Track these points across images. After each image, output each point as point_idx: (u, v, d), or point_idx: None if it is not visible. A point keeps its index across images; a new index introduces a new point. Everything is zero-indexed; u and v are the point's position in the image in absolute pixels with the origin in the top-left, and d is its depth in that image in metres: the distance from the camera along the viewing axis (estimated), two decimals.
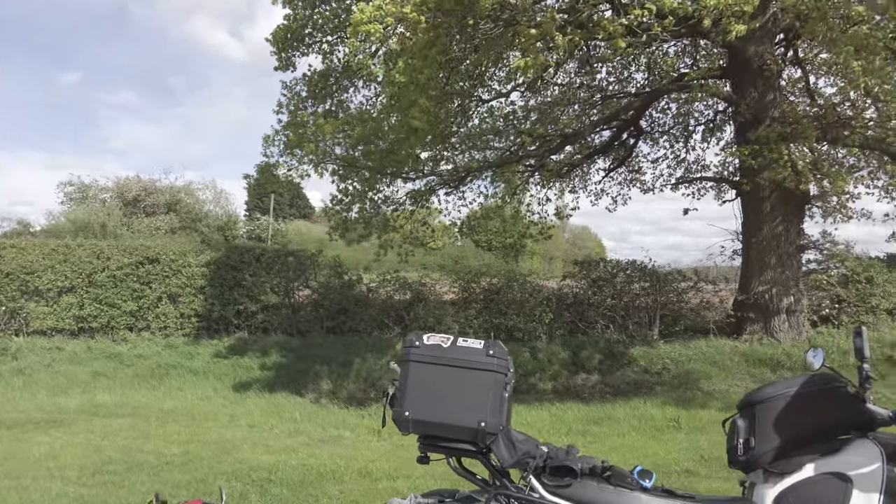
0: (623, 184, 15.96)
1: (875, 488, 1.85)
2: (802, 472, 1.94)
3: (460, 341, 2.19)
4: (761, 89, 11.26)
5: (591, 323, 11.73)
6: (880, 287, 11.28)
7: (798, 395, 2.06)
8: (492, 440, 2.06)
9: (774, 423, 2.05)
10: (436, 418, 2.08)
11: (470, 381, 2.11)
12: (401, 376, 2.17)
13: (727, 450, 2.25)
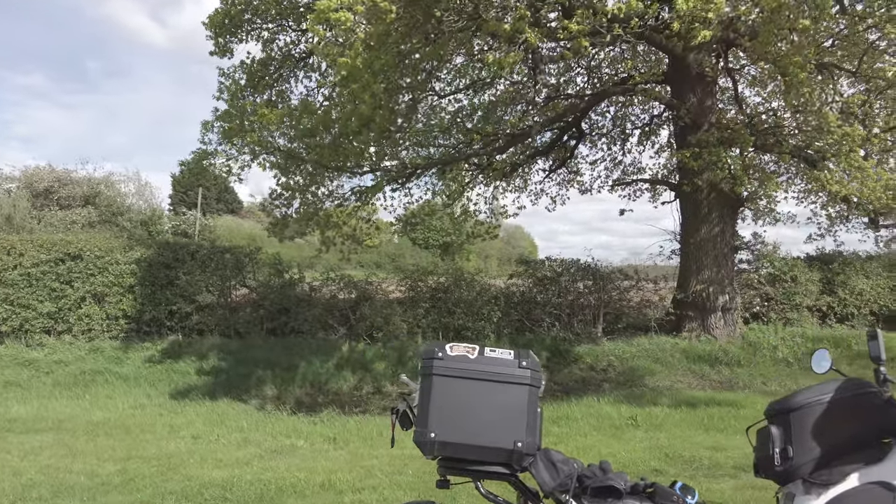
0: (562, 184, 16.28)
1: None
2: (846, 482, 1.88)
3: (487, 351, 2.00)
4: (700, 95, 11.71)
5: (538, 321, 11.82)
6: (803, 285, 12.03)
7: (834, 402, 2.00)
8: (528, 462, 1.88)
9: (812, 430, 1.98)
10: (466, 439, 1.88)
11: (502, 397, 1.92)
12: (422, 392, 1.95)
13: (757, 459, 2.17)
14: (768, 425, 2.11)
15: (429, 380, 1.94)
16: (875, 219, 13.05)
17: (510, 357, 1.99)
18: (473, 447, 1.88)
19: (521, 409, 1.92)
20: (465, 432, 1.88)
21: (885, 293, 12.18)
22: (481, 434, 1.88)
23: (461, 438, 1.88)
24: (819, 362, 2.48)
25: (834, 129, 9.84)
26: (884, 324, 12.15)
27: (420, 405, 1.95)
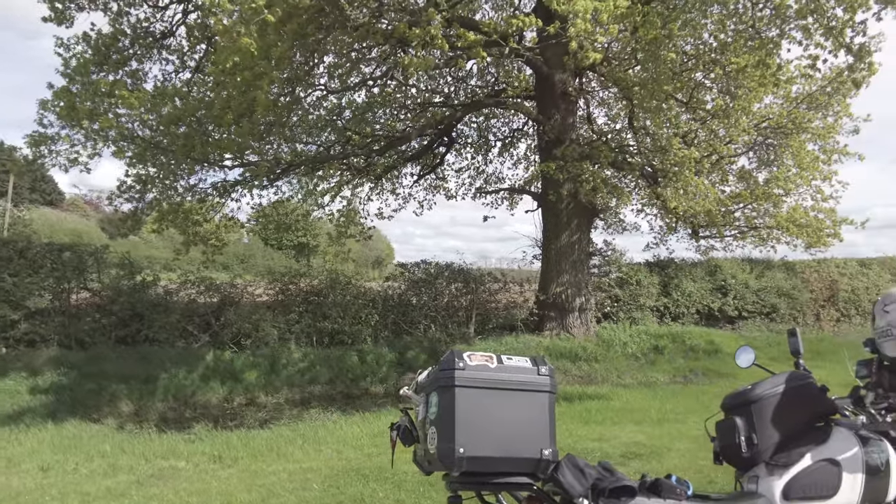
0: (429, 190, 16.67)
1: (858, 469, 2.15)
2: (802, 461, 2.15)
3: (505, 360, 2.00)
4: (563, 113, 12.68)
5: (415, 323, 11.92)
6: (645, 288, 13.57)
7: (785, 393, 2.29)
8: (552, 469, 1.90)
9: (772, 419, 2.25)
10: (494, 452, 1.84)
11: (525, 405, 1.92)
12: (442, 406, 1.88)
13: (720, 448, 2.39)
14: (732, 417, 2.35)
15: (450, 392, 1.87)
16: (696, 230, 15.18)
17: (529, 364, 2.00)
18: (502, 459, 1.86)
19: (544, 416, 1.93)
20: (493, 445, 1.84)
21: (707, 294, 14.19)
22: (509, 445, 1.86)
23: (490, 451, 1.84)
24: (743, 357, 2.83)
25: (676, 151, 11.26)
26: (705, 320, 14.18)
27: (442, 420, 1.86)
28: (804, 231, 14.18)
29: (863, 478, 2.16)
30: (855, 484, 2.15)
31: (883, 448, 2.21)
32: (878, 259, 17.03)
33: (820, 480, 2.14)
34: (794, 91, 13.64)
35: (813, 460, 2.17)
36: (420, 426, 2.05)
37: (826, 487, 2.14)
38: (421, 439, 2.05)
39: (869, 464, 2.17)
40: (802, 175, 14.50)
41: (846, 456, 2.17)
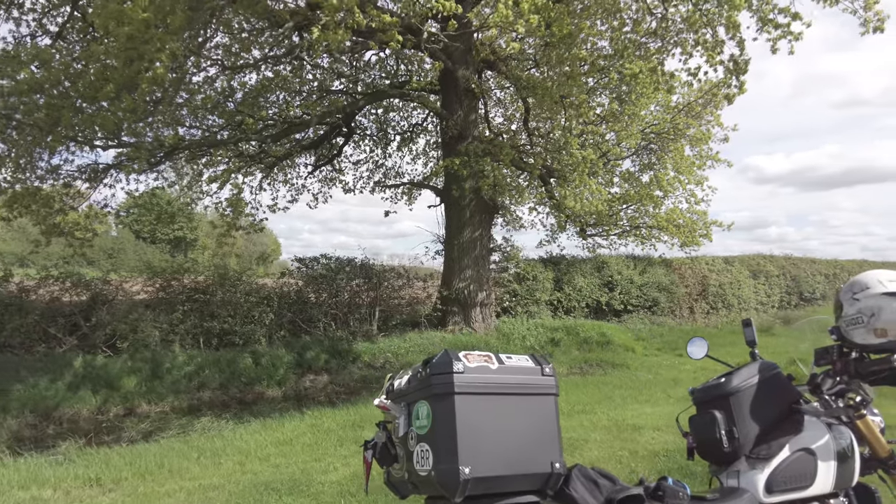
0: (325, 182, 16.08)
1: (831, 456, 2.16)
2: (782, 453, 2.12)
3: (505, 359, 1.74)
4: (466, 109, 12.68)
5: (314, 322, 11.32)
6: (541, 283, 13.98)
7: (761, 383, 2.25)
8: (561, 482, 1.68)
9: (751, 411, 2.20)
10: (502, 470, 1.57)
11: (530, 412, 1.68)
12: (439, 418, 1.58)
13: (698, 443, 2.30)
14: (710, 410, 2.27)
15: (448, 401, 1.57)
16: (584, 229, 15.95)
17: (531, 364, 1.76)
18: (511, 478, 1.59)
19: (552, 423, 1.70)
20: (501, 461, 1.57)
21: (595, 289, 14.92)
22: (517, 460, 1.60)
23: (499, 470, 1.56)
24: (696, 349, 2.80)
25: (573, 153, 11.65)
26: (594, 314, 14.90)
27: (438, 434, 1.57)
28: (681, 231, 15.40)
29: (835, 465, 2.17)
30: (829, 471, 2.16)
31: (844, 433, 2.25)
32: (738, 257, 18.97)
33: (798, 471, 2.12)
34: (675, 100, 14.80)
35: (791, 451, 2.14)
36: (401, 443, 1.74)
37: (804, 477, 2.12)
38: (402, 458, 1.74)
39: (839, 450, 2.19)
40: (679, 179, 15.76)
41: (819, 444, 2.18)
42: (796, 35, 7.85)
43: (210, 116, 11.50)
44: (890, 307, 2.18)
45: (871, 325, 2.22)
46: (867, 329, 2.23)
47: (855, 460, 2.23)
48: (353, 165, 16.25)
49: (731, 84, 9.21)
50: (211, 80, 10.33)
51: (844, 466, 2.20)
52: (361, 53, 13.41)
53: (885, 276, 2.27)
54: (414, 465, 1.63)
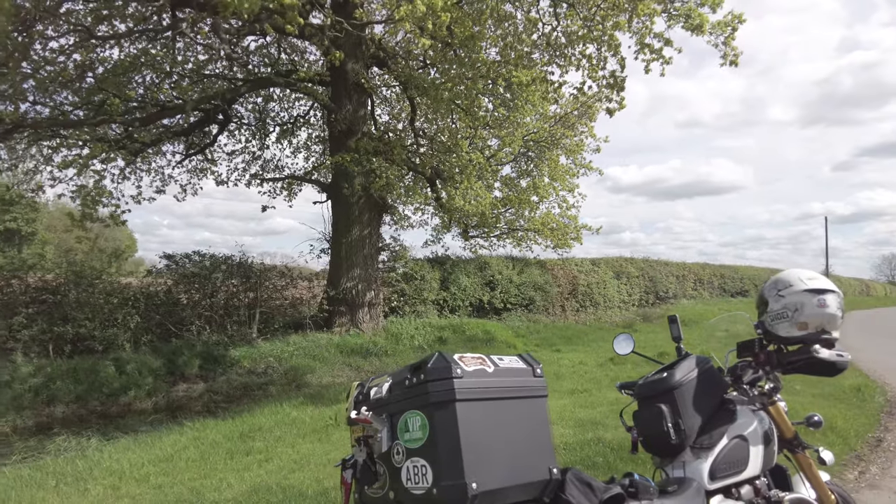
0: (195, 173, 14.96)
1: (759, 441, 2.36)
2: (722, 441, 2.26)
3: (497, 360, 1.65)
4: (355, 105, 12.41)
5: (186, 325, 10.37)
6: (428, 283, 14.05)
7: (699, 376, 2.39)
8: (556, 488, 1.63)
9: (693, 403, 2.32)
10: (506, 481, 1.48)
11: (526, 416, 1.61)
12: (436, 428, 1.45)
13: (644, 437, 2.38)
14: (656, 404, 2.36)
15: (449, 409, 1.45)
16: (467, 230, 16.35)
17: (522, 365, 1.69)
18: (513, 489, 1.50)
19: (545, 427, 1.65)
20: (504, 472, 1.47)
21: (478, 288, 15.32)
22: (518, 469, 1.52)
23: (503, 481, 1.47)
24: (622, 345, 2.93)
25: (463, 154, 11.86)
26: (476, 312, 15.29)
27: (439, 447, 1.43)
28: (554, 234, 16.33)
29: (762, 448, 2.36)
30: (758, 454, 2.34)
31: (765, 418, 2.46)
32: (603, 259, 20.54)
33: (735, 457, 2.28)
34: (552, 110, 15.65)
35: (728, 439, 2.29)
36: (384, 459, 1.59)
37: (740, 462, 2.28)
38: (383, 476, 1.59)
39: (764, 435, 2.39)
40: (554, 185, 16.70)
41: (750, 430, 2.36)
42: (667, 59, 8.62)
43: (62, 92, 10.12)
44: (811, 302, 2.41)
45: (794, 320, 2.44)
46: (791, 323, 2.45)
47: (775, 443, 2.45)
48: (228, 156, 15.23)
49: (612, 99, 9.92)
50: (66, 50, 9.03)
51: (768, 449, 2.40)
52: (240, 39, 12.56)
53: (804, 274, 2.51)
54: (403, 483, 1.49)
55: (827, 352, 2.36)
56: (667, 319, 2.96)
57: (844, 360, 2.41)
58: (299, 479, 4.59)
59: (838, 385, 8.47)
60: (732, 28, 7.58)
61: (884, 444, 6.08)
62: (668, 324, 2.92)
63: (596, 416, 6.53)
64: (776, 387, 2.54)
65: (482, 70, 8.40)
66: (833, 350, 2.40)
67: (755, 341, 2.64)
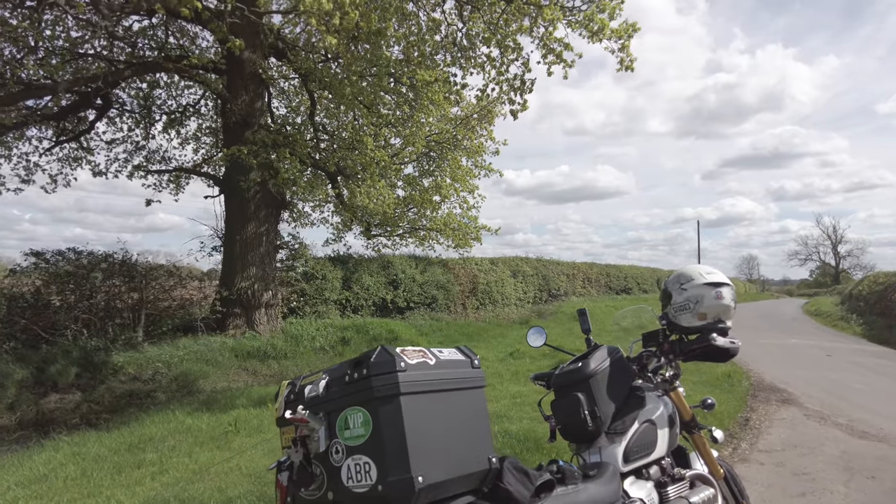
0: (67, 161, 13.69)
1: (665, 425, 2.55)
2: (634, 426, 2.43)
3: (437, 353, 1.66)
4: (252, 95, 11.87)
5: (59, 329, 9.37)
6: (330, 282, 13.74)
7: (612, 365, 2.55)
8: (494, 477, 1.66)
9: (607, 391, 2.47)
10: (449, 473, 1.50)
11: (465, 407, 1.63)
12: (380, 424, 1.44)
13: (563, 425, 2.49)
14: (573, 393, 2.47)
15: (394, 404, 1.43)
16: (369, 228, 16.19)
17: (461, 356, 1.71)
18: (455, 480, 1.51)
19: (484, 417, 1.68)
20: (447, 464, 1.49)
21: (382, 288, 15.22)
22: (459, 460, 1.53)
23: (446, 473, 1.48)
24: (535, 338, 3.06)
25: (368, 151, 11.72)
26: (380, 312, 15.18)
27: (385, 443, 1.41)
28: (455, 234, 16.60)
29: (668, 431, 2.56)
30: (665, 436, 2.54)
31: (668, 403, 2.68)
32: (501, 258, 21.19)
33: (646, 440, 2.45)
34: (454, 112, 15.89)
35: (639, 423, 2.46)
36: (321, 459, 1.54)
37: (650, 444, 2.46)
38: (320, 477, 1.54)
39: (669, 418, 2.59)
40: (455, 186, 16.98)
41: (658, 414, 2.55)
42: (569, 63, 9.04)
43: None
44: (709, 295, 2.64)
45: (695, 311, 2.66)
46: (692, 314, 2.67)
47: (678, 425, 2.67)
48: (107, 145, 14.01)
49: (516, 101, 10.25)
50: None
51: (672, 431, 2.61)
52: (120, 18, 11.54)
53: (703, 269, 2.74)
54: (344, 482, 1.46)
55: (722, 339, 2.60)
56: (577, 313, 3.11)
57: (736, 346, 2.67)
58: (199, 490, 4.31)
59: (712, 373, 9.36)
60: (628, 35, 8.12)
61: (751, 423, 6.81)
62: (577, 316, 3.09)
63: (500, 409, 6.73)
64: (676, 374, 2.77)
65: (385, 67, 8.34)
66: (727, 338, 2.65)
67: (659, 332, 2.85)
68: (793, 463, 5.29)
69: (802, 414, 7.21)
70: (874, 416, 6.88)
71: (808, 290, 56.27)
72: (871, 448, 5.64)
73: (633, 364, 2.76)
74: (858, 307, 19.59)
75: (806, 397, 8.09)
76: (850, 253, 61.42)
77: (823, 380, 9.38)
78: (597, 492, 2.00)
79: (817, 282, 61.53)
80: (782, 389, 8.62)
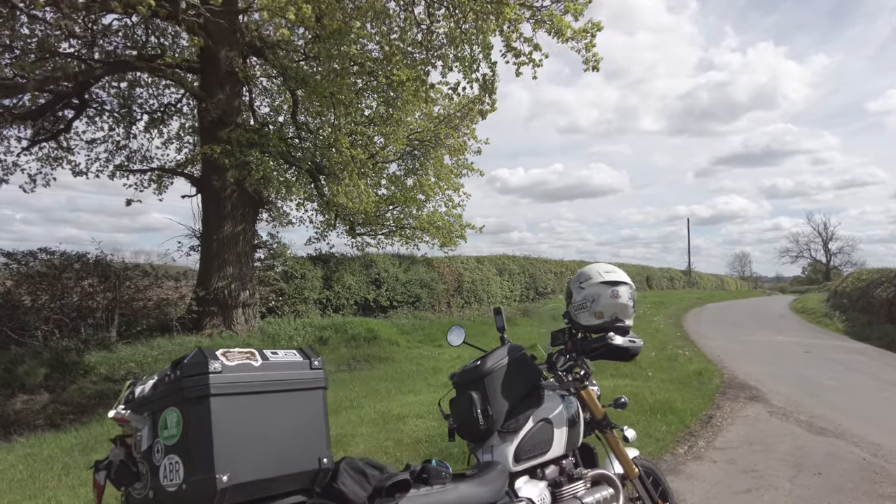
0: (47, 161, 13.63)
1: (563, 423, 2.54)
2: (527, 425, 2.41)
3: (270, 355, 1.65)
4: (229, 94, 11.83)
5: (30, 330, 9.35)
6: (309, 281, 13.72)
7: (509, 364, 2.53)
8: (329, 478, 1.65)
9: (502, 389, 2.46)
10: (266, 472, 1.51)
11: (298, 408, 1.63)
12: (189, 424, 1.44)
13: (458, 424, 2.49)
14: (468, 392, 2.46)
15: (203, 405, 1.44)
16: (353, 227, 16.17)
17: (299, 358, 1.71)
18: (276, 480, 1.52)
19: (320, 418, 1.67)
20: (264, 464, 1.49)
21: (364, 286, 15.21)
22: (283, 459, 1.54)
23: (262, 473, 1.48)
24: (454, 337, 3.05)
25: (344, 150, 11.69)
26: (362, 310, 15.16)
27: (191, 443, 1.42)
28: (440, 232, 16.58)
29: (566, 430, 2.54)
30: (562, 436, 2.52)
31: (572, 402, 2.66)
32: (487, 257, 21.19)
33: (540, 439, 2.43)
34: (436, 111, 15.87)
35: (534, 422, 2.45)
36: (144, 458, 1.54)
37: (544, 444, 2.44)
38: (145, 475, 1.54)
39: (568, 418, 2.57)
40: (439, 184, 16.95)
41: (555, 413, 2.53)
42: (537, 62, 9.01)
43: None
44: (605, 293, 2.63)
45: (592, 309, 2.65)
46: (590, 312, 2.66)
47: (580, 425, 2.65)
48: (88, 144, 13.96)
49: (485, 101, 10.22)
50: None
51: (573, 431, 2.59)
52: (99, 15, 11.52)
53: (602, 268, 2.73)
54: (161, 480, 1.46)
55: (620, 338, 2.59)
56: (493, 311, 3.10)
57: (637, 345, 2.65)
58: None
59: (684, 370, 9.37)
60: (591, 34, 8.09)
61: (713, 421, 6.81)
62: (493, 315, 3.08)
63: None
64: (587, 372, 2.75)
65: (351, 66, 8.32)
66: (626, 337, 2.63)
67: (565, 330, 2.84)
68: (745, 460, 5.29)
69: (766, 411, 7.21)
70: (835, 413, 6.89)
71: (800, 287, 56.42)
72: (824, 444, 5.65)
73: (545, 363, 2.76)
74: (842, 304, 19.62)
75: (774, 394, 8.09)
76: (841, 250, 61.55)
77: (795, 377, 9.39)
78: (469, 492, 1.99)
79: (809, 279, 61.69)
80: (752, 386, 8.63)
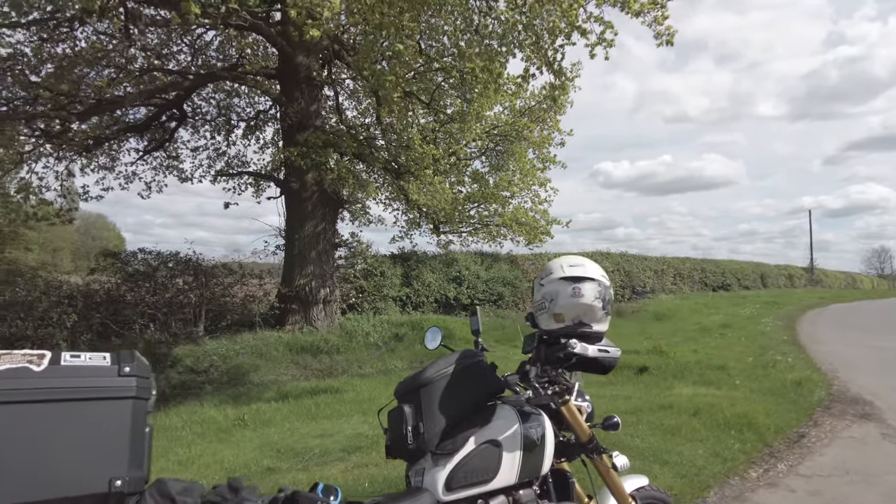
0: (159, 169, 14.82)
1: (517, 447, 2.09)
2: (466, 446, 2.03)
3: (67, 358, 1.43)
4: (307, 98, 12.19)
5: (128, 323, 10.19)
6: (389, 279, 13.85)
7: (454, 373, 2.15)
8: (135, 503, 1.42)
9: (440, 403, 2.08)
10: (30, 496, 1.30)
11: (92, 420, 1.39)
12: None
13: (390, 440, 2.16)
14: (400, 405, 2.14)
15: None
16: (437, 226, 16.11)
17: (106, 363, 1.46)
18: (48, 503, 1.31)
19: (121, 433, 1.42)
20: (29, 485, 1.29)
21: (445, 284, 15.11)
22: (59, 480, 1.32)
23: (26, 496, 1.28)
24: (430, 339, 2.70)
25: (416, 147, 11.63)
26: (442, 308, 15.07)
27: None
28: (524, 229, 16.06)
29: (521, 455, 2.12)
30: (514, 462, 2.10)
31: (540, 422, 2.20)
32: (580, 253, 20.25)
33: (481, 464, 2.04)
34: (518, 104, 15.38)
35: (476, 444, 2.06)
36: None
37: (486, 471, 2.04)
38: None
39: (527, 439, 2.13)
40: (524, 180, 16.43)
41: (507, 435, 2.11)
42: (609, 42, 8.32)
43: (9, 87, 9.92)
44: (564, 291, 2.18)
45: (550, 311, 2.21)
46: (548, 314, 2.23)
47: (545, 448, 2.20)
48: (192, 152, 15.07)
49: (556, 86, 9.67)
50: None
51: (532, 456, 2.15)
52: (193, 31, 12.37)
53: (567, 261, 2.27)
54: None
55: (582, 346, 2.14)
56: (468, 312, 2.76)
57: (610, 356, 2.18)
58: None
59: (779, 379, 8.26)
60: (661, 5, 7.32)
61: (804, 440, 5.86)
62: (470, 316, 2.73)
63: None
64: (568, 387, 2.32)
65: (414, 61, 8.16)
66: (596, 345, 2.18)
67: (535, 335, 2.42)
68: (834, 492, 4.44)
69: (879, 432, 6.10)
70: None
71: None
72: None
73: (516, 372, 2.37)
74: None
75: (894, 412, 6.85)
76: None
77: None
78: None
79: None
80: (867, 401, 7.38)
